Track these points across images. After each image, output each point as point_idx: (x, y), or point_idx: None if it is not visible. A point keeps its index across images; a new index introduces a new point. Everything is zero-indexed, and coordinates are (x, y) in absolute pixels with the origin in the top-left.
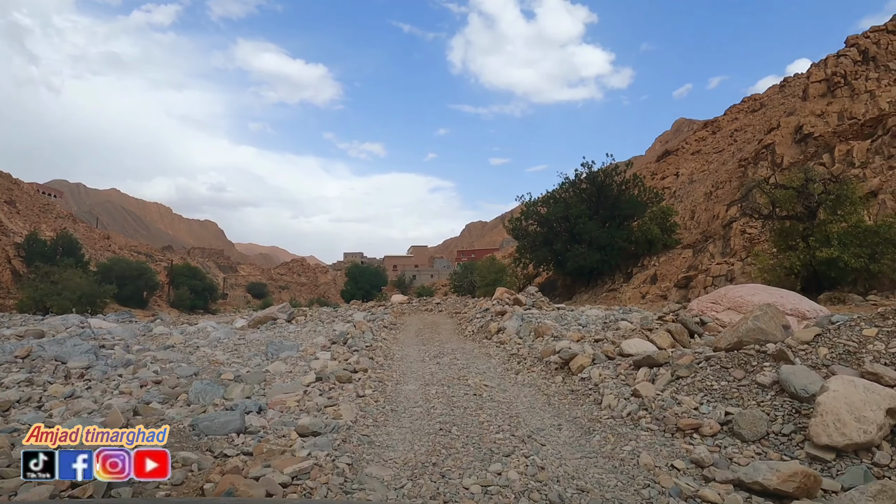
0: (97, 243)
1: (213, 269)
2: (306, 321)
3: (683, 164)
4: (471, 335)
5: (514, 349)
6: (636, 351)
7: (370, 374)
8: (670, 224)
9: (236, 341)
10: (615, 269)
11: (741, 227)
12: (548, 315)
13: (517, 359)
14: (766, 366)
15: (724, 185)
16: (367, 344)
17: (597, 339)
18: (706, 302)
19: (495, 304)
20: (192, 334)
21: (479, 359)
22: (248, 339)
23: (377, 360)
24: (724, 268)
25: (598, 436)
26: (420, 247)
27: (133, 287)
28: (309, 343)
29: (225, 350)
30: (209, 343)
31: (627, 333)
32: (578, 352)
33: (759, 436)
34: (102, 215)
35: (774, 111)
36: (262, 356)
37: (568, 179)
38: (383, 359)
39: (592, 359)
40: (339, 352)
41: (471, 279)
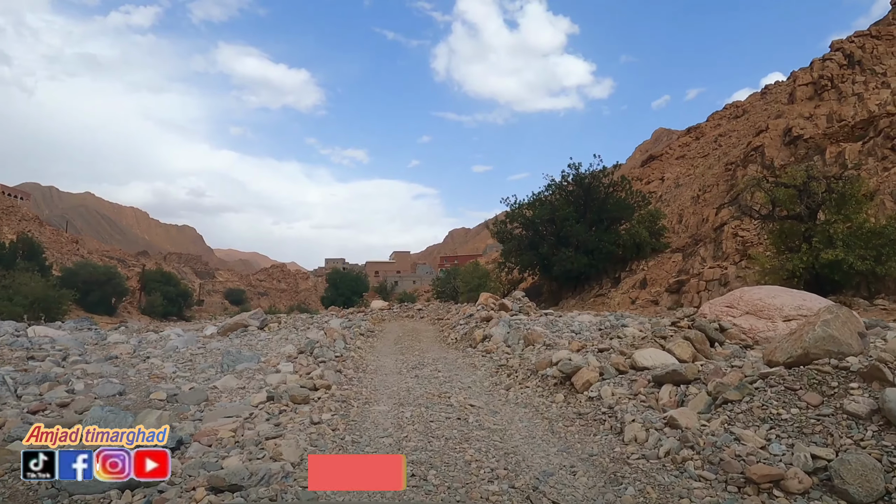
0: (64, 247)
1: (190, 274)
2: (279, 328)
3: (668, 168)
4: (454, 343)
5: (502, 359)
6: (653, 363)
7: (334, 391)
8: (659, 227)
9: (195, 351)
10: (602, 273)
11: (733, 230)
12: (537, 321)
13: (507, 371)
14: (854, 388)
15: (711, 189)
16: (337, 354)
17: (601, 349)
18: (720, 306)
19: (480, 310)
20: (151, 343)
21: (463, 370)
22: (209, 348)
23: (346, 374)
24: (718, 272)
25: (630, 487)
26: (402, 252)
27: (100, 293)
28: (275, 353)
29: (178, 361)
30: (163, 353)
31: (637, 342)
32: (582, 364)
33: (875, 495)
34: (76, 220)
35: (758, 116)
36: (217, 368)
37: (554, 181)
38: (354, 371)
39: (600, 373)
40: (302, 364)
41: (454, 285)
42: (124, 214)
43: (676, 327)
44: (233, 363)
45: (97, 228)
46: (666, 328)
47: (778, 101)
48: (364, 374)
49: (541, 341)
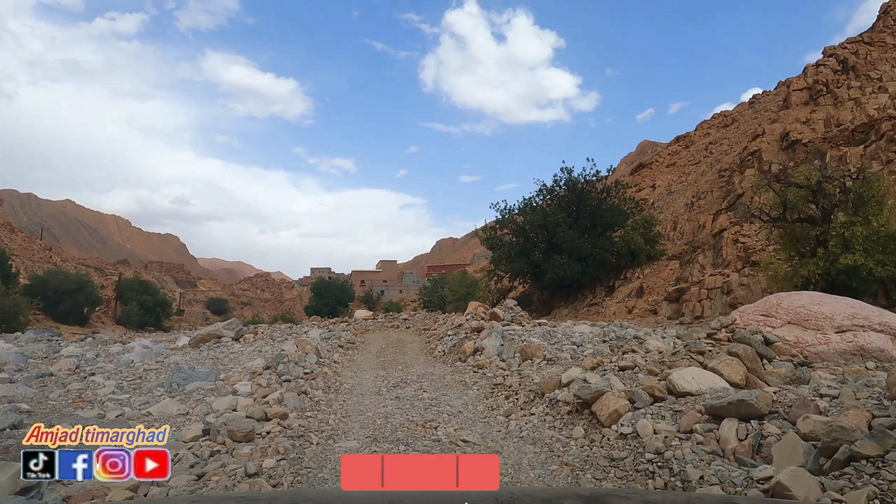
0: (36, 255)
1: (170, 283)
2: (255, 339)
3: (659, 176)
4: (441, 356)
5: (497, 376)
6: (697, 387)
7: (291, 421)
8: (654, 234)
9: (150, 366)
10: (596, 281)
11: (733, 236)
12: (532, 332)
13: (504, 391)
14: None
15: (705, 196)
16: (306, 371)
17: (622, 367)
18: (753, 314)
19: (469, 320)
20: (107, 357)
21: (452, 389)
22: (167, 362)
23: (313, 396)
24: (719, 279)
25: None
26: (389, 261)
27: (71, 302)
28: (241, 368)
29: (125, 379)
30: (113, 368)
31: (667, 358)
32: (603, 387)
33: None
34: (55, 227)
35: (749, 124)
36: (166, 387)
37: (545, 186)
38: (323, 392)
39: (630, 400)
40: (261, 384)
41: (441, 294)
42: (105, 223)
43: (714, 340)
44: (183, 381)
45: (77, 237)
46: (701, 341)
47: (768, 110)
48: (336, 396)
49: (540, 355)
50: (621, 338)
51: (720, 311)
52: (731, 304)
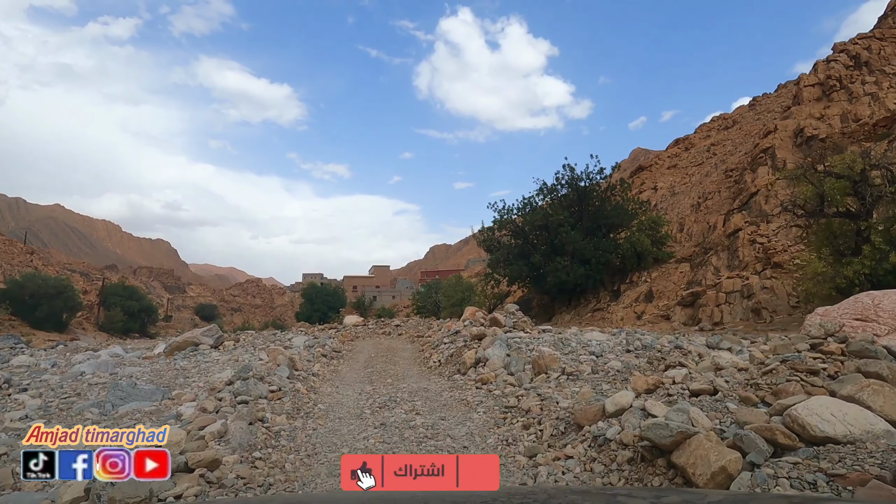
0: (16, 258)
1: (158, 289)
2: (235, 347)
3: (660, 178)
4: (437, 367)
5: (507, 395)
6: (845, 430)
7: (225, 471)
8: (661, 235)
9: (99, 379)
10: (599, 285)
11: (749, 237)
12: (540, 340)
13: (519, 416)
14: None
15: (712, 196)
16: (272, 388)
17: (695, 391)
18: (843, 318)
19: (468, 326)
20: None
21: (452, 411)
22: (121, 374)
23: (272, 424)
24: (738, 282)
25: None
26: (382, 267)
27: (49, 307)
28: (203, 382)
29: (58, 396)
30: (59, 382)
31: (761, 380)
32: (684, 426)
33: None
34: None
35: (752, 125)
36: (100, 408)
37: (546, 185)
38: (288, 418)
39: (737, 448)
40: (208, 407)
41: (435, 299)
42: (95, 227)
43: (822, 354)
44: (120, 402)
45: (65, 241)
46: (804, 355)
47: (770, 111)
48: (304, 423)
49: (556, 368)
50: (648, 346)
51: (741, 317)
52: (753, 309)
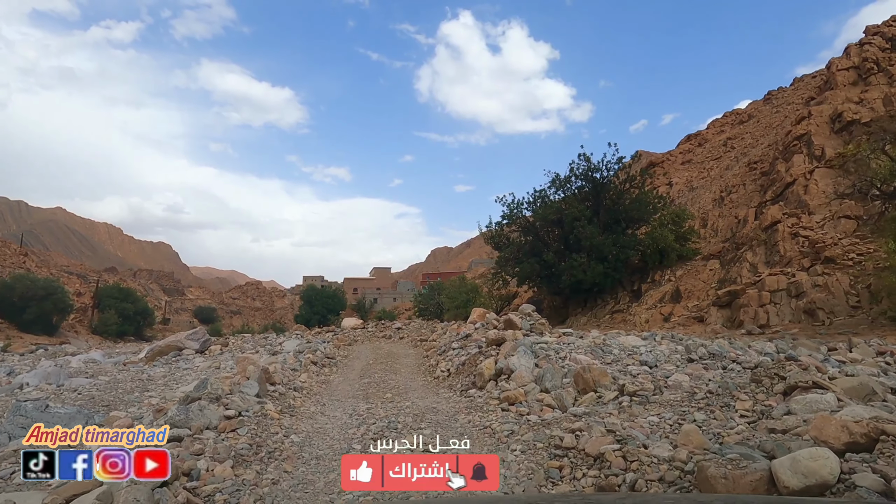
0: (8, 260)
1: (157, 291)
2: (222, 352)
3: (675, 173)
4: (446, 378)
5: (546, 422)
6: None
7: None
8: (685, 230)
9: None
10: (617, 285)
11: (791, 229)
12: (572, 346)
13: (584, 466)
14: None
15: (737, 189)
16: (230, 413)
17: None
18: None
19: (480, 328)
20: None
21: (475, 447)
22: (69, 386)
23: (201, 483)
24: (783, 279)
25: None
26: (383, 269)
27: (38, 309)
28: (159, 398)
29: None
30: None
31: None
32: None
33: None
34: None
35: (771, 118)
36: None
37: (559, 178)
38: (236, 465)
39: None
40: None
41: (438, 301)
42: (97, 230)
43: None
44: (21, 430)
45: (67, 244)
46: None
47: (790, 103)
48: (262, 470)
49: (607, 384)
50: (718, 355)
51: (790, 318)
52: (805, 310)
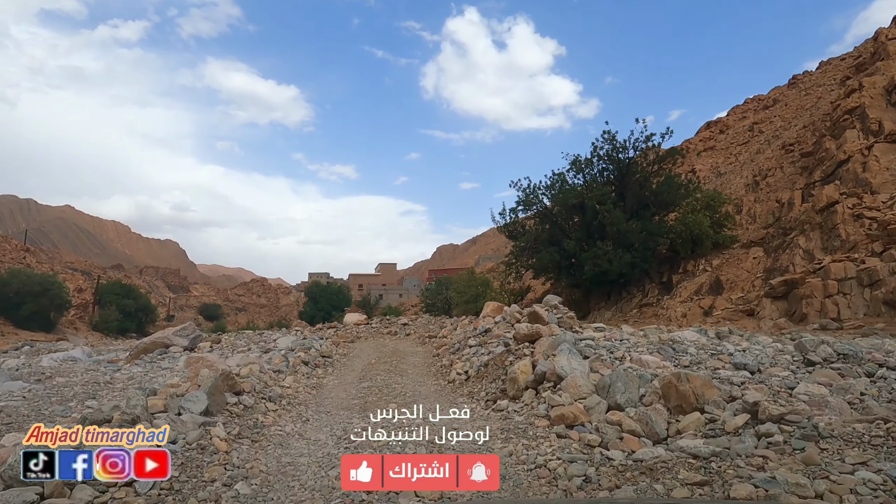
0: (8, 255)
1: (162, 288)
2: (212, 349)
3: (696, 161)
4: (464, 383)
5: (642, 466)
6: None
7: None
8: (722, 216)
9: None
10: (644, 276)
11: (853, 211)
12: (628, 343)
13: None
14: None
15: (773, 173)
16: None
17: None
18: None
19: (500, 322)
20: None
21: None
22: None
23: None
24: (850, 267)
25: None
26: (389, 264)
27: (34, 305)
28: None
29: None
30: None
31: None
32: None
33: None
34: (53, 233)
35: (802, 100)
36: None
37: (579, 159)
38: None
39: None
40: None
41: (446, 296)
42: (105, 228)
43: None
44: None
45: (75, 242)
46: None
47: (821, 84)
48: None
49: (717, 399)
50: (851, 356)
51: (866, 311)
52: (886, 301)
